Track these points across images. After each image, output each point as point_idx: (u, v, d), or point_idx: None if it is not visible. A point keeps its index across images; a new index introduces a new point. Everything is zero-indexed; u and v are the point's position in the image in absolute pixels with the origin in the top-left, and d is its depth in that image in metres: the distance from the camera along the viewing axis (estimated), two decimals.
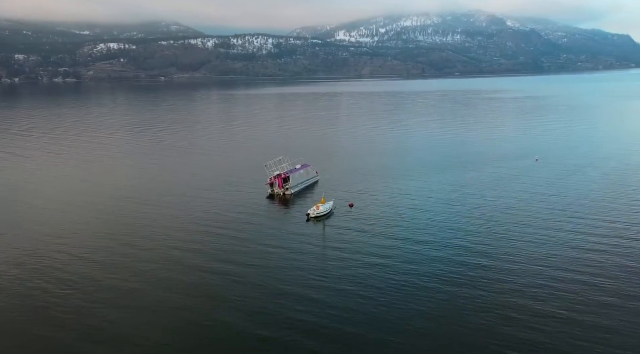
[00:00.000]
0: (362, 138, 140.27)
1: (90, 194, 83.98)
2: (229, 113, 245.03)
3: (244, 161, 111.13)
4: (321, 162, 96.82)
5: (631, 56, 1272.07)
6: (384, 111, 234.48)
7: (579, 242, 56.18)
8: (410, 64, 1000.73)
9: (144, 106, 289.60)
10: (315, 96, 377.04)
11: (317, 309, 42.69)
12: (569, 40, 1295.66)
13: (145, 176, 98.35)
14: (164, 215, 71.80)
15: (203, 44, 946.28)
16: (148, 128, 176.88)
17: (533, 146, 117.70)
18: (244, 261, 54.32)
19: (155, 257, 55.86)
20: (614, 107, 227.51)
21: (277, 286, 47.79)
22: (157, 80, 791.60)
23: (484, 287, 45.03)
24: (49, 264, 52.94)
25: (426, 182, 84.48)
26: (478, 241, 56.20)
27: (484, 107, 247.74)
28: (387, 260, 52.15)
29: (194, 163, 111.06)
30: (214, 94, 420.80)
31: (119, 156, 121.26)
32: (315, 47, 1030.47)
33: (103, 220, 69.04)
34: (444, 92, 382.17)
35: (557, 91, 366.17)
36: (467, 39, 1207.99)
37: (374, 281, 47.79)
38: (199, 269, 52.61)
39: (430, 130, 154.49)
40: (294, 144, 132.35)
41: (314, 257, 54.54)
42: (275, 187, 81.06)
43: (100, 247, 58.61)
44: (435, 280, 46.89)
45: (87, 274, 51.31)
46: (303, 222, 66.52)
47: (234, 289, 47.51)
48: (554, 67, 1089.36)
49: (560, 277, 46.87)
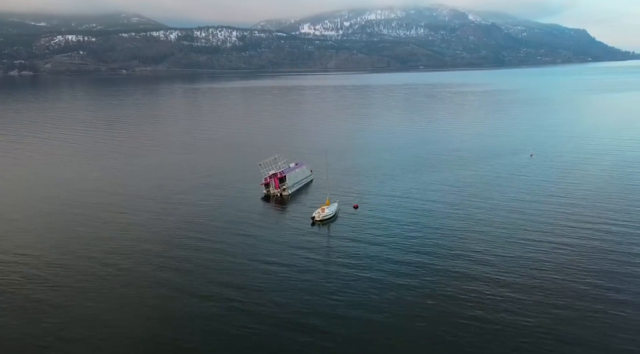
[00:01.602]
0: (346, 135, 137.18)
1: (57, 201, 75.92)
2: (197, 108, 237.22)
3: (226, 160, 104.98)
4: (309, 160, 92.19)
5: (588, 50, 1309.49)
6: (360, 106, 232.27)
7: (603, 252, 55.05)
8: (376, 58, 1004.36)
9: (107, 101, 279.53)
10: (283, 90, 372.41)
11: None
12: (528, 34, 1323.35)
13: (116, 179, 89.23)
14: (139, 225, 63.13)
15: (166, 37, 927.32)
16: (113, 124, 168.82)
17: (524, 141, 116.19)
18: (246, 283, 46.42)
19: (134, 283, 47.06)
20: (590, 100, 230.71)
21: (295, 319, 40.07)
22: (118, 73, 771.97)
23: (493, 290, 43.15)
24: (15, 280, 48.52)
25: (425, 181, 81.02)
26: (487, 244, 54.06)
27: (459, 101, 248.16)
28: (415, 272, 49.02)
29: (168, 163, 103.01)
30: (178, 88, 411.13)
31: (83, 156, 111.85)
32: (281, 41, 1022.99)
33: (74, 231, 61.72)
34: (413, 86, 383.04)
35: (525, 85, 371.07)
36: (431, 33, 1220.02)
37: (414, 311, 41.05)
38: (190, 294, 44.72)
39: (415, 126, 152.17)
40: (273, 141, 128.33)
41: (331, 274, 47.64)
42: (271, 187, 76.41)
43: (73, 266, 50.92)
44: (460, 296, 44.74)
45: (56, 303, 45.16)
46: (308, 226, 61.57)
47: (235, 320, 40.13)
48: (514, 61, 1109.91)
49: (583, 288, 45.44)
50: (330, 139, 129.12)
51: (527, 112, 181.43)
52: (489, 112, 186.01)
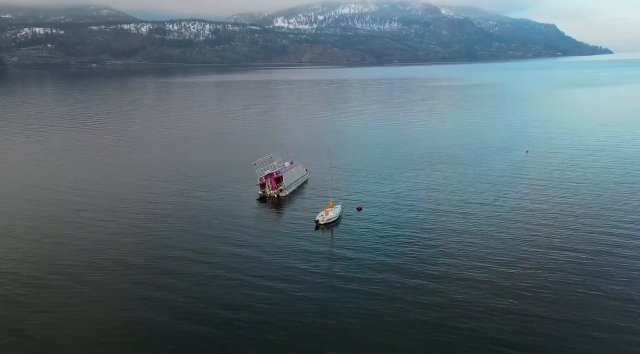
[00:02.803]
0: (333, 131, 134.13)
1: (25, 203, 71.42)
2: (172, 104, 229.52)
3: (211, 159, 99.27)
4: (299, 158, 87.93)
5: (557, 45, 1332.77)
6: (341, 101, 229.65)
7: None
8: (350, 52, 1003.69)
9: (77, 96, 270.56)
10: (259, 84, 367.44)
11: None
12: (500, 29, 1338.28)
13: (92, 181, 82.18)
14: (117, 233, 57.22)
15: (137, 30, 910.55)
16: (85, 121, 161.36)
17: (516, 137, 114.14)
18: (244, 304, 40.81)
19: (111, 297, 42.31)
20: (571, 95, 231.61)
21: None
22: (88, 67, 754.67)
23: (504, 297, 41.34)
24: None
25: (424, 180, 77.82)
26: (501, 248, 52.41)
27: (440, 95, 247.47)
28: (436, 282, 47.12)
29: (147, 163, 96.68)
30: (151, 82, 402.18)
31: (54, 155, 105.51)
32: (254, 34, 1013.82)
33: (44, 238, 57.37)
34: (390, 81, 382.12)
35: (501, 79, 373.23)
36: (404, 27, 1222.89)
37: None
38: (177, 316, 39.15)
39: (402, 121, 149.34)
40: (256, 138, 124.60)
41: (346, 292, 42.35)
42: (268, 188, 71.73)
43: (44, 280, 46.22)
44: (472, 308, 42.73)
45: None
46: (311, 230, 57.30)
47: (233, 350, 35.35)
48: (487, 55, 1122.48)
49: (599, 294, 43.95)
50: (318, 136, 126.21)
51: (511, 108, 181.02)
52: (473, 107, 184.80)
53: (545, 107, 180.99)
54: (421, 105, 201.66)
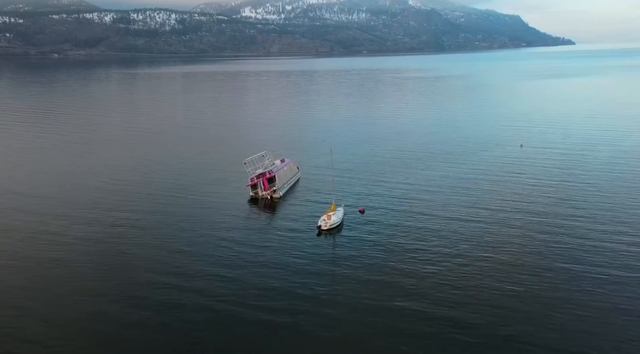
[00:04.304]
0: (313, 125, 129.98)
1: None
2: (138, 96, 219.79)
3: (189, 159, 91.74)
4: (284, 155, 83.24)
5: (522, 36, 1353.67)
6: (315, 93, 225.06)
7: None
8: (319, 42, 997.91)
9: (36, 88, 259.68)
10: (228, 75, 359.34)
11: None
12: (466, 20, 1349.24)
13: (54, 183, 74.67)
14: (79, 246, 51.02)
15: (100, 19, 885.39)
16: (45, 116, 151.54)
17: (507, 131, 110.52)
18: (237, 336, 35.47)
19: (82, 328, 36.89)
20: (547, 86, 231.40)
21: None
22: (49, 57, 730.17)
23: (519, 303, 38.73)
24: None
25: (420, 178, 73.90)
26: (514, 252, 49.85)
27: (415, 87, 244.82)
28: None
29: (117, 163, 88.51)
30: (115, 73, 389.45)
31: (9, 154, 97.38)
32: (222, 24, 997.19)
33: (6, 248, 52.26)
34: (362, 72, 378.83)
35: (473, 70, 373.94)
36: (372, 18, 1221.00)
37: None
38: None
39: (382, 115, 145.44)
40: (234, 133, 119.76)
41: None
42: (260, 189, 66.33)
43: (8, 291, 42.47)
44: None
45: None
46: (313, 237, 52.33)
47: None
48: (454, 46, 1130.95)
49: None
50: (299, 131, 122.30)
51: (493, 100, 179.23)
52: (453, 100, 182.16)
53: (526, 99, 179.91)
54: (399, 98, 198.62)
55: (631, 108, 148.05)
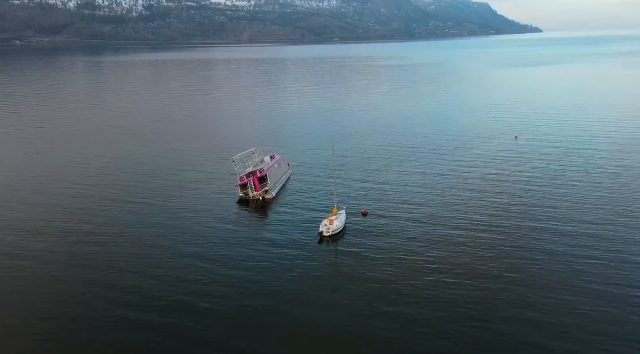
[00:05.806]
0: (291, 117, 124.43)
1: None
2: (105, 86, 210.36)
3: (166, 155, 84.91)
4: (272, 150, 78.13)
5: (491, 24, 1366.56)
6: (290, 82, 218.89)
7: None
8: (290, 29, 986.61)
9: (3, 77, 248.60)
10: (198, 63, 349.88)
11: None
12: (436, 7, 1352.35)
13: (10, 187, 67.70)
14: (51, 253, 47.10)
15: (64, 5, 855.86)
16: (4, 107, 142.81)
17: (500, 123, 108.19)
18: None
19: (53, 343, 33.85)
20: (524, 74, 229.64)
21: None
22: (11, 44, 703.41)
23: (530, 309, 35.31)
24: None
25: (419, 174, 70.33)
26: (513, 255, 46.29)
27: (392, 76, 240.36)
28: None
29: (86, 160, 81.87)
30: (80, 61, 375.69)
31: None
32: (191, 10, 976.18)
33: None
34: (335, 60, 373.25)
35: (446, 58, 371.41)
36: (343, 5, 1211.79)
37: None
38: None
39: (368, 105, 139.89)
40: (210, 126, 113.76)
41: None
42: (250, 189, 61.20)
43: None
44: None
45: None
46: (315, 245, 47.69)
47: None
48: (424, 34, 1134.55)
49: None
50: (283, 123, 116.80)
51: (473, 89, 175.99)
52: (435, 90, 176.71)
53: (508, 88, 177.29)
54: (377, 87, 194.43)
55: (614, 98, 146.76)
